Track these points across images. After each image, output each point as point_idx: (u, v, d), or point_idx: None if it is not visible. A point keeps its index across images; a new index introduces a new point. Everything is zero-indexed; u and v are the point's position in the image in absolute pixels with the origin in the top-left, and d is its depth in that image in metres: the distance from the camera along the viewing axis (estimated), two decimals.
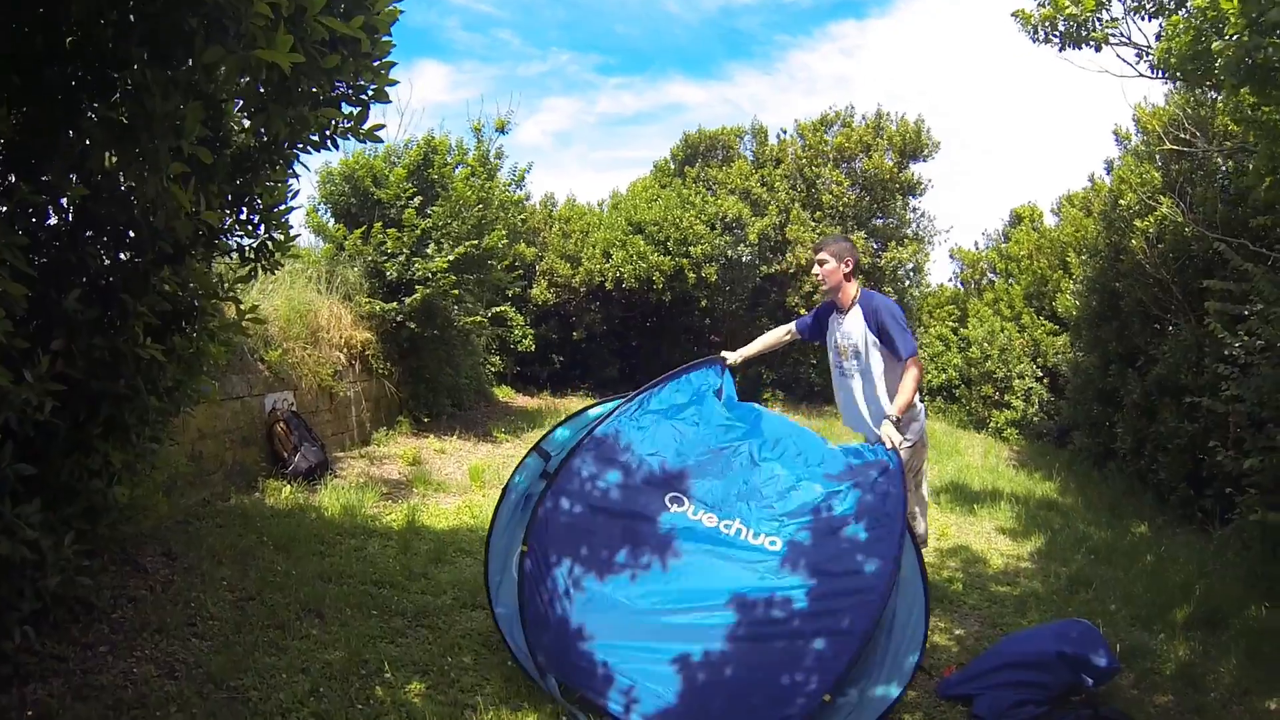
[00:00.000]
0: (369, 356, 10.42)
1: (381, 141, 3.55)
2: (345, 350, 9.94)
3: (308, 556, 5.71)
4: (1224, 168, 9.20)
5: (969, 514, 8.95)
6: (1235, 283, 7.68)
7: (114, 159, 2.92)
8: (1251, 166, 8.43)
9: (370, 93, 3.46)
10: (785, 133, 20.19)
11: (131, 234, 3.68)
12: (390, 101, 3.49)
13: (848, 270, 5.32)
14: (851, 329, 5.33)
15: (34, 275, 2.87)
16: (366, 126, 3.57)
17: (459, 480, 9.00)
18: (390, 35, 3.26)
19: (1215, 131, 9.10)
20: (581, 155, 53.53)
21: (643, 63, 59.45)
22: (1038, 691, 4.44)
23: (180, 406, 4.45)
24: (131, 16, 2.70)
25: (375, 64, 3.28)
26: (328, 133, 3.58)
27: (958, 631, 5.56)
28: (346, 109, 3.52)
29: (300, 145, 3.74)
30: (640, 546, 4.35)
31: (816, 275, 5.42)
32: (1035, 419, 16.28)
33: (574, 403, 15.68)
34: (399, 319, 10.58)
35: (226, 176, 3.66)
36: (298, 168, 4.10)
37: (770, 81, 53.07)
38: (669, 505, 4.43)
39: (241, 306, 4.36)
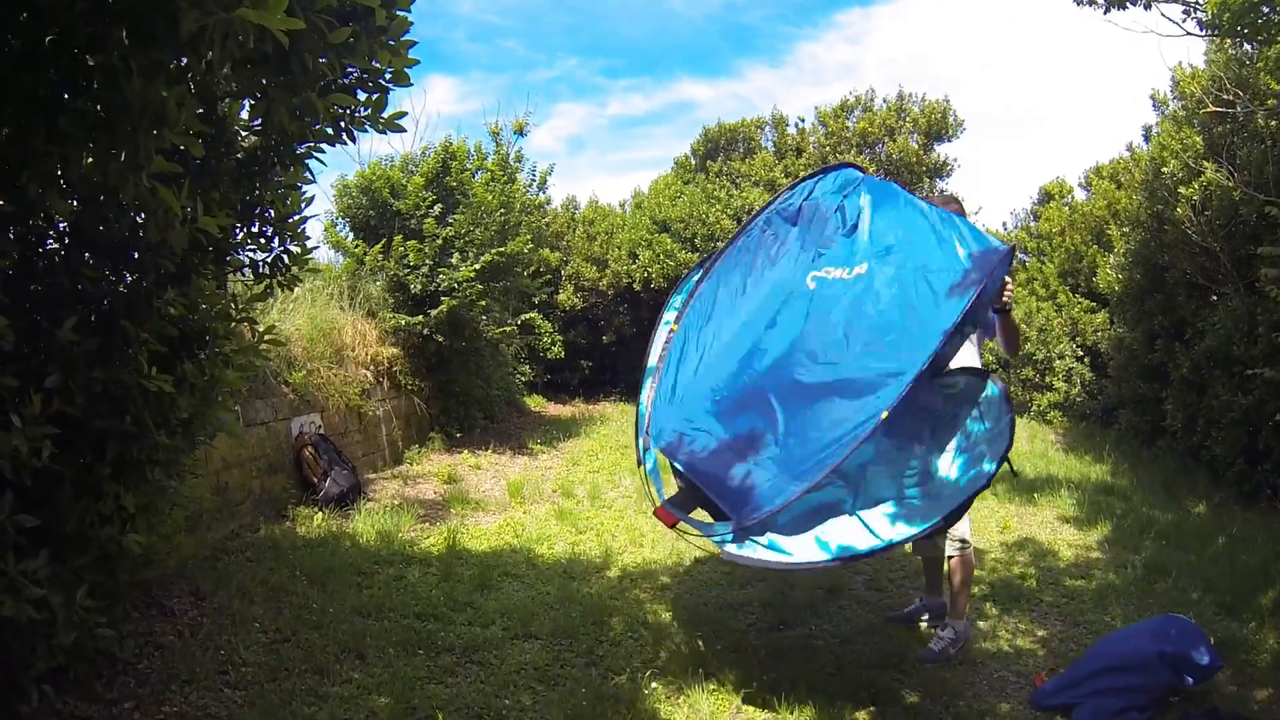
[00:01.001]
0: (396, 373, 10.19)
1: (404, 130, 3.13)
2: (372, 367, 9.70)
3: (344, 590, 5.42)
4: (1264, 127, 8.80)
5: (1029, 503, 8.63)
6: None
7: (90, 160, 2.54)
8: None
9: (388, 76, 3.04)
10: (804, 121, 19.94)
11: (135, 254, 3.36)
12: (411, 84, 3.07)
13: None
14: None
15: (7, 302, 2.54)
16: (387, 114, 3.14)
17: (498, 497, 8.69)
18: (409, 11, 2.85)
19: (1259, 90, 8.68)
20: (595, 159, 53.27)
21: (650, 63, 59.17)
22: (1139, 696, 4.19)
23: (196, 440, 4.11)
24: None
25: (392, 43, 2.87)
26: (342, 124, 3.17)
27: (1040, 633, 5.27)
28: (362, 96, 3.10)
29: (310, 143, 3.36)
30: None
31: None
32: (1078, 400, 15.80)
33: (607, 408, 15.41)
34: (425, 332, 10.32)
35: (232, 184, 3.28)
36: (312, 169, 3.68)
37: (778, 75, 52.71)
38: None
39: (258, 327, 4.06)
